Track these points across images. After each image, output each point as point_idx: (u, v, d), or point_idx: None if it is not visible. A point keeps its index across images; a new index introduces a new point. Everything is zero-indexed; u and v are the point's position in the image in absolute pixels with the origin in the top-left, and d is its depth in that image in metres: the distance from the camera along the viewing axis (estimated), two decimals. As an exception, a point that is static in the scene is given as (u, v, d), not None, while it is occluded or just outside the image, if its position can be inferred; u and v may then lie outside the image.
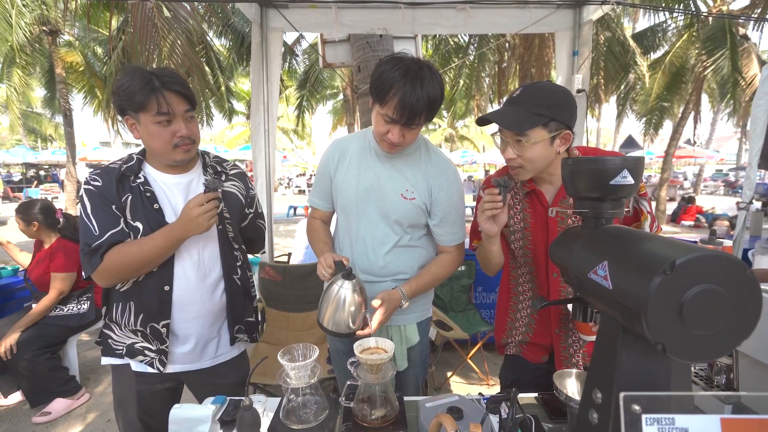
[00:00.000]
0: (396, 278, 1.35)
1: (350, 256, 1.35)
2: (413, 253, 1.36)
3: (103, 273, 1.12)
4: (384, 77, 1.12)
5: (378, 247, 1.32)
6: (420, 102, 1.11)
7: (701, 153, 18.70)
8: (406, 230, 1.33)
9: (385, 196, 1.29)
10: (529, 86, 1.10)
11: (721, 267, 0.56)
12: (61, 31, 9.08)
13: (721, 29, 8.14)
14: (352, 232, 1.36)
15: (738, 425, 0.58)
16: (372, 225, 1.32)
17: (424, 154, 1.33)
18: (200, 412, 0.94)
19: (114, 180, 1.15)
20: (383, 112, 1.16)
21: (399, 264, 1.34)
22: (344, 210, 1.36)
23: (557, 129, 1.07)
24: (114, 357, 1.24)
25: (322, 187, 1.40)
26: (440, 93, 1.16)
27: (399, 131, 1.17)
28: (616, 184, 0.77)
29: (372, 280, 1.34)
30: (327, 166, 1.36)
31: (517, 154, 1.10)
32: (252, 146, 3.14)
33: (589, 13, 2.97)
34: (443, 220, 1.33)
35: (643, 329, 0.58)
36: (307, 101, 11.54)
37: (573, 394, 0.93)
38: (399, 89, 1.10)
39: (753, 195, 3.04)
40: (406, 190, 1.29)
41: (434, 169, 1.32)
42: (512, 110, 1.08)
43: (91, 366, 3.18)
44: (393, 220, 1.30)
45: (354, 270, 1.22)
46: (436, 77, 1.14)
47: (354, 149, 1.34)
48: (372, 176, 1.30)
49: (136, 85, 1.09)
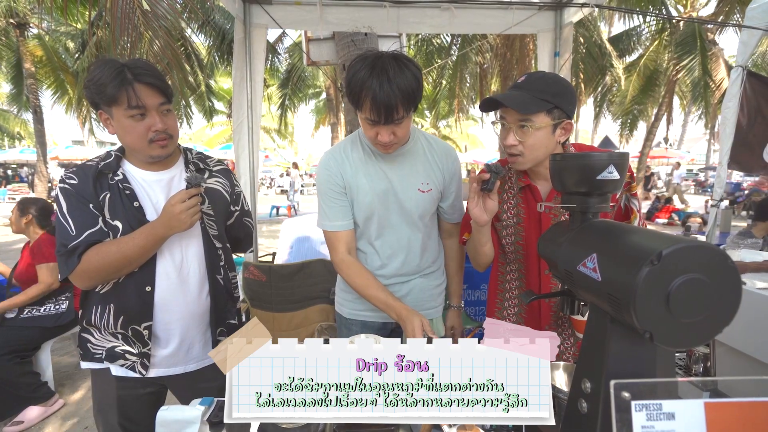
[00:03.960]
0: (424, 273, 1.41)
1: (377, 261, 1.36)
2: (432, 241, 1.42)
3: (81, 274, 1.07)
4: (354, 80, 1.09)
5: (407, 246, 1.35)
6: (391, 97, 1.06)
7: (673, 153, 19.45)
8: (426, 222, 1.36)
9: (404, 195, 1.29)
10: (534, 74, 1.11)
11: (705, 257, 0.58)
12: (29, 23, 8.71)
13: (691, 34, 8.49)
14: (374, 238, 1.34)
15: (720, 408, 0.61)
16: (395, 226, 1.32)
17: (425, 143, 1.34)
18: (189, 414, 0.91)
19: (91, 178, 1.10)
20: (364, 116, 1.14)
21: (428, 257, 1.40)
22: (361, 218, 1.32)
23: (560, 117, 1.07)
24: (94, 362, 1.19)
25: (338, 204, 1.29)
26: (414, 81, 1.09)
27: (386, 131, 1.14)
28: (602, 179, 0.79)
29: (404, 281, 1.39)
30: (336, 181, 1.28)
31: (519, 140, 1.08)
32: (234, 145, 3.08)
33: (570, 15, 3.04)
34: (454, 199, 1.39)
35: (631, 318, 0.60)
36: (289, 100, 11.43)
37: (561, 386, 0.95)
38: (368, 90, 1.07)
39: (722, 193, 3.17)
40: (422, 184, 1.30)
41: (440, 155, 1.34)
42: (519, 93, 1.07)
43: (67, 372, 3.07)
44: (416, 216, 1.32)
45: (383, 273, 1.35)
46: (407, 66, 1.09)
47: (355, 157, 1.29)
48: (384, 179, 1.28)
49: (107, 77, 1.04)
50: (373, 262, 1.36)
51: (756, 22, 2.78)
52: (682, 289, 0.58)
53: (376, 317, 1.39)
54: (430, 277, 1.43)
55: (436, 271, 1.45)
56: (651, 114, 11.93)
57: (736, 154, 3.01)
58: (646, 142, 11.46)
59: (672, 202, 11.61)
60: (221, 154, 15.82)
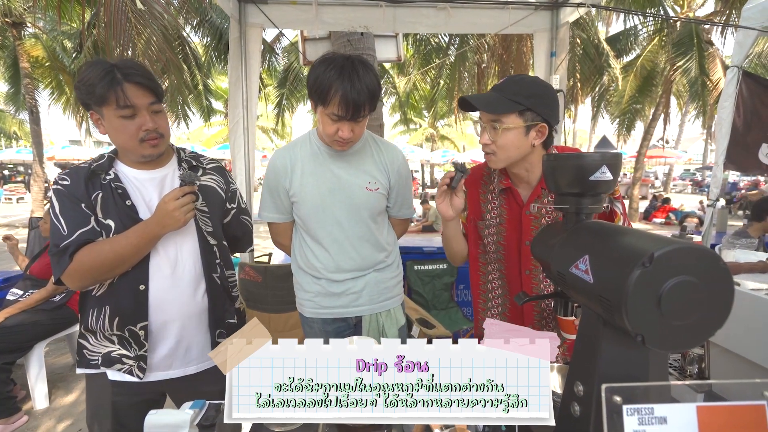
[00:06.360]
0: (378, 268, 1.43)
1: (329, 259, 1.38)
2: (383, 237, 1.45)
3: (73, 274, 1.06)
4: (321, 79, 1.17)
5: (357, 243, 1.38)
6: (361, 95, 1.15)
7: (671, 153, 19.50)
8: (375, 219, 1.40)
9: (351, 193, 1.34)
10: (514, 77, 1.13)
11: (697, 259, 0.58)
12: (26, 23, 8.66)
13: (688, 34, 8.51)
14: (323, 237, 1.38)
15: (712, 412, 0.60)
16: (344, 224, 1.36)
17: (373, 145, 1.41)
18: (177, 418, 0.90)
19: (83, 178, 1.10)
20: (328, 111, 1.19)
21: (380, 252, 1.43)
22: (310, 217, 1.37)
23: (533, 120, 1.09)
24: (90, 368, 1.17)
25: (278, 201, 1.40)
26: (377, 84, 1.21)
27: (348, 127, 1.21)
28: (595, 180, 0.78)
29: (357, 276, 1.40)
30: (279, 179, 1.37)
31: (491, 140, 1.12)
32: (231, 145, 3.07)
33: (566, 15, 3.04)
34: (400, 198, 1.45)
35: (623, 321, 0.59)
36: (287, 100, 11.39)
37: (554, 388, 0.94)
38: (339, 87, 1.14)
39: (719, 193, 3.18)
40: (369, 182, 1.36)
41: (387, 156, 1.41)
42: (492, 95, 1.11)
43: (61, 373, 3.05)
44: (364, 214, 1.36)
45: (335, 270, 1.33)
46: (371, 69, 1.20)
47: (303, 156, 1.36)
48: (331, 178, 1.34)
49: (96, 77, 1.04)
50: (324, 260, 1.39)
51: (751, 22, 2.79)
52: (673, 292, 0.57)
53: (335, 314, 1.43)
54: (385, 271, 1.46)
55: (390, 265, 1.48)
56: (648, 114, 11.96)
57: (731, 154, 3.02)
58: (643, 142, 11.49)
59: (669, 202, 11.65)
60: (219, 154, 15.77)
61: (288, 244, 1.51)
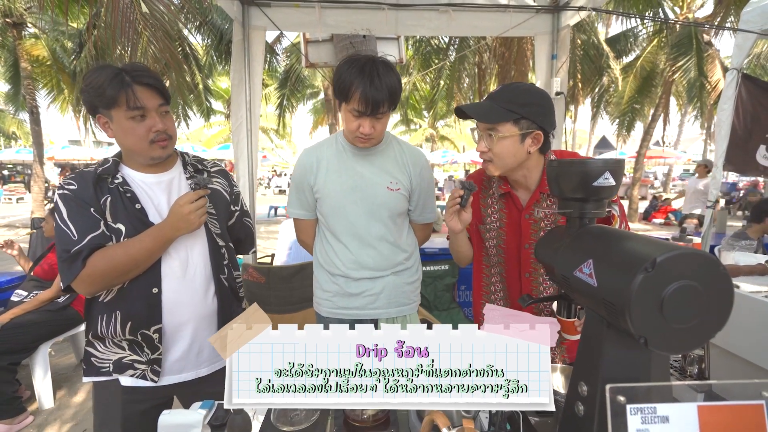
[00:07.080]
0: (396, 270, 1.44)
1: (348, 255, 1.40)
2: (404, 239, 1.46)
3: (85, 279, 1.05)
4: (343, 77, 1.24)
5: (376, 242, 1.39)
6: (380, 91, 1.21)
7: (670, 153, 19.52)
8: (395, 220, 1.41)
9: (374, 192, 1.37)
10: (509, 85, 1.15)
11: (698, 264, 0.60)
12: (26, 23, 8.66)
13: (687, 36, 8.54)
14: (343, 233, 1.39)
15: (712, 411, 0.63)
16: (364, 222, 1.37)
17: (397, 147, 1.45)
18: (190, 418, 0.92)
19: (90, 182, 1.10)
20: (350, 107, 1.25)
21: (399, 254, 1.44)
22: (331, 213, 1.39)
23: (528, 128, 1.10)
24: (100, 375, 1.16)
25: (303, 197, 1.45)
26: (398, 82, 1.27)
27: (369, 123, 1.26)
28: (598, 186, 0.80)
29: (374, 276, 1.41)
30: (306, 176, 1.41)
31: (487, 147, 1.14)
32: (234, 147, 3.09)
33: (567, 18, 3.06)
34: (421, 201, 1.47)
35: (626, 324, 0.61)
36: (287, 100, 11.41)
37: (558, 388, 0.96)
38: (359, 84, 1.21)
39: (717, 194, 3.20)
40: (390, 182, 1.38)
41: (410, 158, 1.43)
42: (487, 104, 1.12)
43: (66, 374, 3.07)
44: (384, 214, 1.38)
45: (354, 267, 1.38)
46: (392, 69, 1.27)
47: (329, 154, 1.40)
48: (354, 176, 1.37)
49: (106, 80, 1.04)
50: (343, 256, 1.41)
51: (751, 25, 2.81)
52: (675, 296, 0.59)
53: (351, 314, 1.44)
54: (403, 275, 1.47)
55: (409, 268, 1.49)
56: (648, 114, 11.99)
57: (730, 155, 3.04)
58: (643, 143, 11.52)
59: (669, 203, 11.66)
60: (219, 155, 15.76)
61: (311, 243, 1.53)
